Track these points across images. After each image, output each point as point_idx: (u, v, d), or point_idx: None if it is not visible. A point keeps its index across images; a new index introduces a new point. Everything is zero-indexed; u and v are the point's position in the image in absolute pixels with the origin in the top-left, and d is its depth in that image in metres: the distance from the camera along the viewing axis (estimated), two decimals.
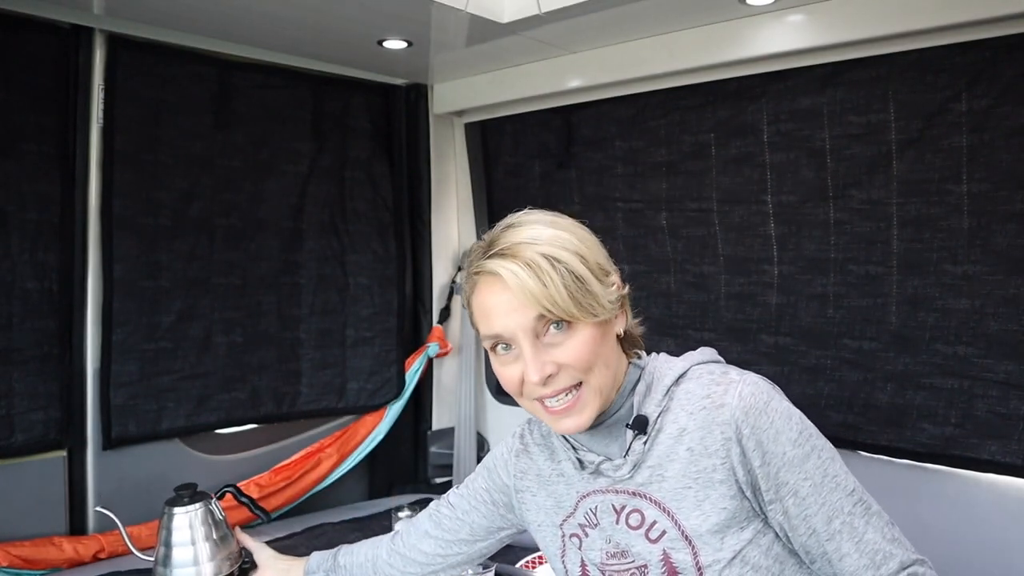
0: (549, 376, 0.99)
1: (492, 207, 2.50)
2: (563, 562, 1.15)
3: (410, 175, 2.49)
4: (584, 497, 1.12)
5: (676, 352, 1.14)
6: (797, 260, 1.83)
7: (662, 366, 1.08)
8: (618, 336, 1.08)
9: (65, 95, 1.80)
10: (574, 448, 1.12)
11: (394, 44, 1.98)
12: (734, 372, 1.04)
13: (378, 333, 2.39)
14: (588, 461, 1.10)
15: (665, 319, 2.10)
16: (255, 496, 2.09)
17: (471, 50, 2.05)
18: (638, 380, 1.08)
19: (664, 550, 1.01)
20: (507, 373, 1.03)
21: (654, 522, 1.03)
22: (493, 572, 1.54)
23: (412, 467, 2.56)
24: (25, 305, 1.76)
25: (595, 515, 1.10)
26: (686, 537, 1.00)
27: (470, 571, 1.42)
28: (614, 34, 1.90)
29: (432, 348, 2.47)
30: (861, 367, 1.75)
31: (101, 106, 1.84)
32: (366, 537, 1.52)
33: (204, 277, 2.04)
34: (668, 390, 1.05)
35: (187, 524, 1.56)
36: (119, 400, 1.89)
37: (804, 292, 1.83)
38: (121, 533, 1.62)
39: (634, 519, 1.05)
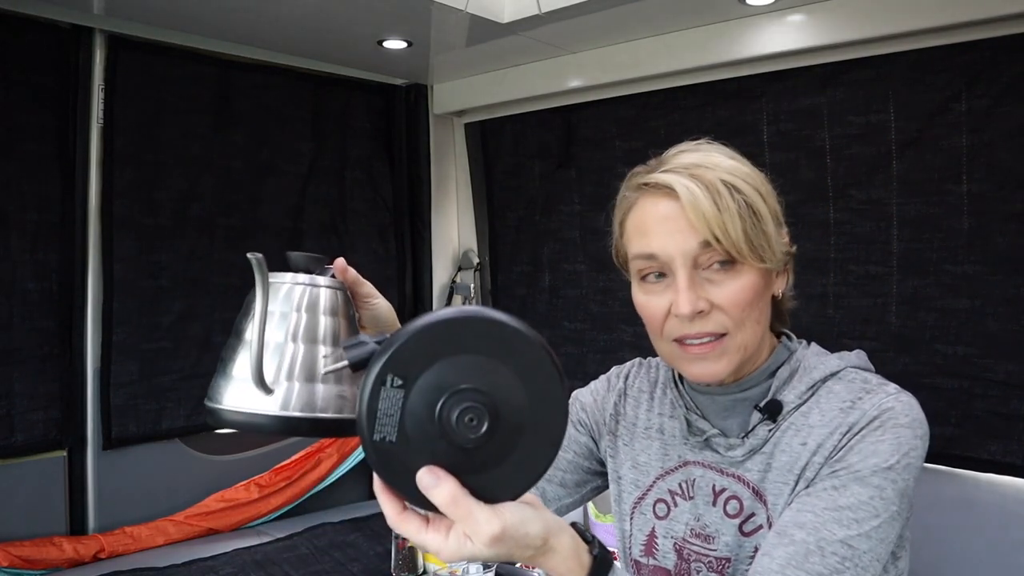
0: (700, 312, 0.88)
1: (492, 207, 2.50)
2: (630, 523, 1.05)
3: (410, 175, 2.49)
4: (685, 465, 1.01)
5: None
6: (797, 260, 1.82)
7: (813, 358, 0.97)
8: (774, 298, 0.98)
9: (65, 95, 1.80)
10: (688, 409, 1.01)
11: (394, 44, 1.98)
12: (892, 386, 0.91)
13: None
14: (699, 429, 0.99)
15: None
16: (255, 496, 2.10)
17: (471, 50, 2.05)
18: (782, 364, 0.97)
19: (756, 547, 0.91)
20: (652, 304, 0.91)
21: (752, 514, 0.93)
22: (493, 572, 1.54)
23: None
24: (25, 305, 1.76)
25: (691, 487, 0.99)
26: None
27: (472, 569, 1.42)
28: (614, 34, 1.90)
29: None
30: None
31: (101, 106, 1.84)
32: (366, 537, 1.48)
33: (204, 277, 2.04)
34: (815, 385, 0.94)
35: None
36: (119, 400, 1.89)
37: (804, 292, 1.82)
38: None
39: (732, 506, 0.95)
